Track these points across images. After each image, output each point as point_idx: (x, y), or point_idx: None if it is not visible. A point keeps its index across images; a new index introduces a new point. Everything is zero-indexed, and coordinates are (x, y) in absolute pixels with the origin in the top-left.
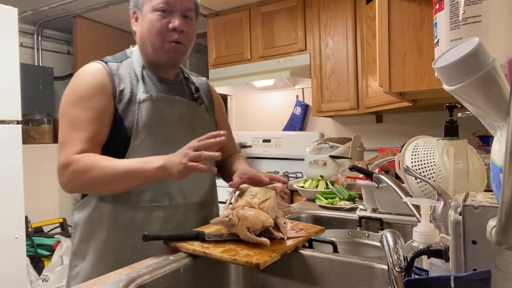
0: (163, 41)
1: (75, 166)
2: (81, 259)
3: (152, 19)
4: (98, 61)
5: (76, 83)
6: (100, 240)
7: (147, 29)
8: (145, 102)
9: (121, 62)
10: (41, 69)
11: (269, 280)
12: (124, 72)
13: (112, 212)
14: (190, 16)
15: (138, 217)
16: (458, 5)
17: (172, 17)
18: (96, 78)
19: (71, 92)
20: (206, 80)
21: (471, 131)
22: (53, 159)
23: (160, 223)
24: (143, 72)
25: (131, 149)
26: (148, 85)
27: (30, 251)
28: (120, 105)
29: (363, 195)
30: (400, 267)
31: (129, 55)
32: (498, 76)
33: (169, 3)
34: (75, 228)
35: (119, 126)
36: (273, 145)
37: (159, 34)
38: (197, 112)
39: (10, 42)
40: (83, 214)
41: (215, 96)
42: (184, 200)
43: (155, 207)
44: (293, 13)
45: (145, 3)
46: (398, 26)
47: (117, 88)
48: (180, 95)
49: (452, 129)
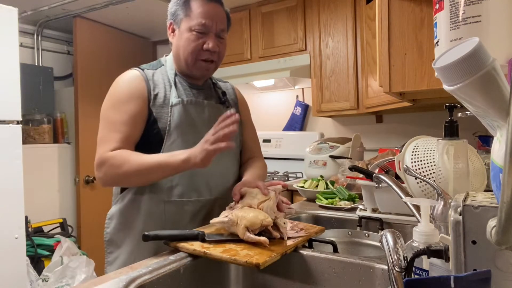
0: (196, 59)
1: (111, 162)
2: (116, 247)
3: (188, 38)
4: (135, 68)
5: (115, 89)
6: (137, 229)
7: (183, 46)
8: (177, 106)
9: (156, 70)
10: (41, 69)
11: (269, 280)
12: (158, 78)
13: (147, 205)
14: (223, 36)
15: (169, 210)
16: (458, 5)
17: (207, 38)
18: (133, 84)
19: (110, 96)
20: (231, 84)
21: (471, 131)
22: (53, 159)
23: (189, 217)
24: (176, 79)
25: (164, 148)
26: (180, 90)
27: (30, 251)
28: (155, 108)
29: (363, 195)
30: (400, 267)
31: (163, 63)
32: (498, 76)
33: (206, 26)
34: (111, 218)
35: (154, 127)
36: (273, 145)
37: (193, 53)
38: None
39: (10, 42)
40: (121, 206)
41: (240, 99)
42: (210, 195)
43: (185, 202)
44: (293, 13)
45: (184, 20)
46: (398, 26)
47: (152, 92)
48: (209, 99)
49: (452, 129)
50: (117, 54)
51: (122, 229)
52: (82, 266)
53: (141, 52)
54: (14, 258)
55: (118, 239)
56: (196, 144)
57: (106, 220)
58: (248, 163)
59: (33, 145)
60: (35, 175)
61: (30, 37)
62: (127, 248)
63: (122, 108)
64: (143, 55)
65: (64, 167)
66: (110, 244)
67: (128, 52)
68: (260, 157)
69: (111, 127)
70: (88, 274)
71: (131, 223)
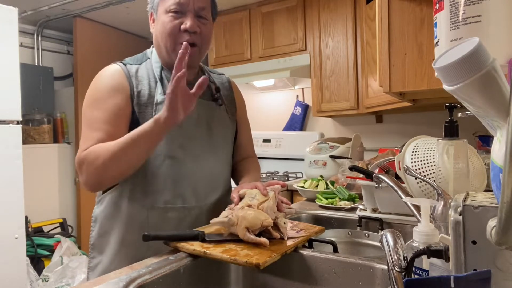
0: (175, 43)
1: (88, 159)
2: (99, 252)
3: (164, 21)
4: (117, 63)
5: (94, 85)
6: (118, 235)
7: (160, 31)
8: (162, 104)
9: (140, 64)
10: (41, 69)
11: (269, 280)
12: (143, 73)
13: (129, 210)
14: (205, 16)
15: (153, 217)
16: (458, 5)
17: (185, 18)
18: (113, 79)
19: (89, 93)
20: (227, 78)
21: (471, 131)
22: (53, 159)
23: (174, 224)
24: (162, 73)
25: None
26: (167, 86)
27: (30, 251)
28: (138, 106)
29: (363, 195)
30: (400, 267)
31: (149, 55)
32: (498, 76)
33: (181, 3)
34: (95, 221)
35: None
36: (273, 145)
37: (171, 35)
38: (216, 112)
39: (10, 42)
40: (102, 208)
41: (237, 95)
42: (197, 202)
43: (169, 209)
44: (293, 13)
45: (160, 4)
46: (398, 26)
47: (135, 89)
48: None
49: (452, 129)
50: (117, 54)
51: (103, 234)
52: (82, 266)
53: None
54: (14, 258)
55: (101, 243)
56: (182, 146)
57: (91, 223)
58: (243, 165)
59: (33, 145)
60: (35, 175)
61: (30, 37)
62: (108, 255)
63: (103, 105)
64: None
65: (64, 167)
66: (93, 248)
67: (128, 52)
68: (254, 157)
69: (91, 125)
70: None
71: (112, 228)
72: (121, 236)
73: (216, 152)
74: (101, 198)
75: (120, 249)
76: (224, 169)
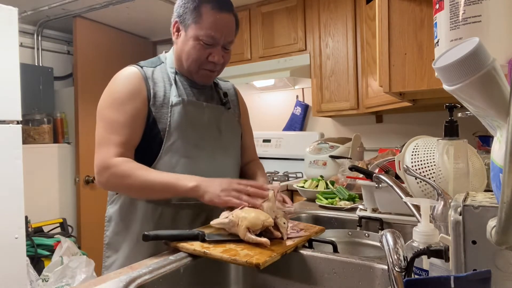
0: (199, 68)
1: (114, 170)
2: (114, 251)
3: (194, 47)
4: (134, 65)
5: (112, 86)
6: (134, 233)
7: (187, 52)
8: (177, 106)
9: (155, 67)
10: (41, 69)
11: (269, 280)
12: (158, 76)
13: (144, 208)
14: (229, 47)
15: (168, 213)
16: (458, 5)
17: (214, 50)
18: (131, 82)
19: (108, 94)
20: (232, 85)
21: (471, 131)
22: (53, 159)
23: (188, 220)
24: (176, 77)
25: (164, 150)
26: (180, 89)
27: (30, 251)
28: (154, 107)
29: (363, 195)
30: (400, 267)
31: (163, 60)
32: (498, 76)
33: (214, 38)
34: (109, 221)
35: (153, 127)
36: (273, 145)
37: (197, 62)
38: (225, 116)
39: (10, 42)
40: (117, 208)
41: (241, 100)
42: None
43: (184, 205)
44: (293, 13)
45: (192, 27)
46: (398, 26)
47: (151, 91)
48: (209, 100)
49: (452, 129)
50: (117, 54)
51: (119, 232)
52: (82, 266)
53: (141, 52)
54: (14, 258)
55: (117, 242)
56: (197, 145)
57: (105, 223)
58: (251, 168)
59: (33, 145)
60: (35, 175)
61: (30, 37)
62: (124, 252)
63: (122, 108)
64: (143, 55)
65: (64, 167)
66: (108, 247)
67: (128, 52)
68: (258, 159)
69: (111, 128)
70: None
71: (128, 226)
72: (137, 233)
73: (228, 152)
74: (114, 198)
75: (136, 246)
76: (235, 168)
